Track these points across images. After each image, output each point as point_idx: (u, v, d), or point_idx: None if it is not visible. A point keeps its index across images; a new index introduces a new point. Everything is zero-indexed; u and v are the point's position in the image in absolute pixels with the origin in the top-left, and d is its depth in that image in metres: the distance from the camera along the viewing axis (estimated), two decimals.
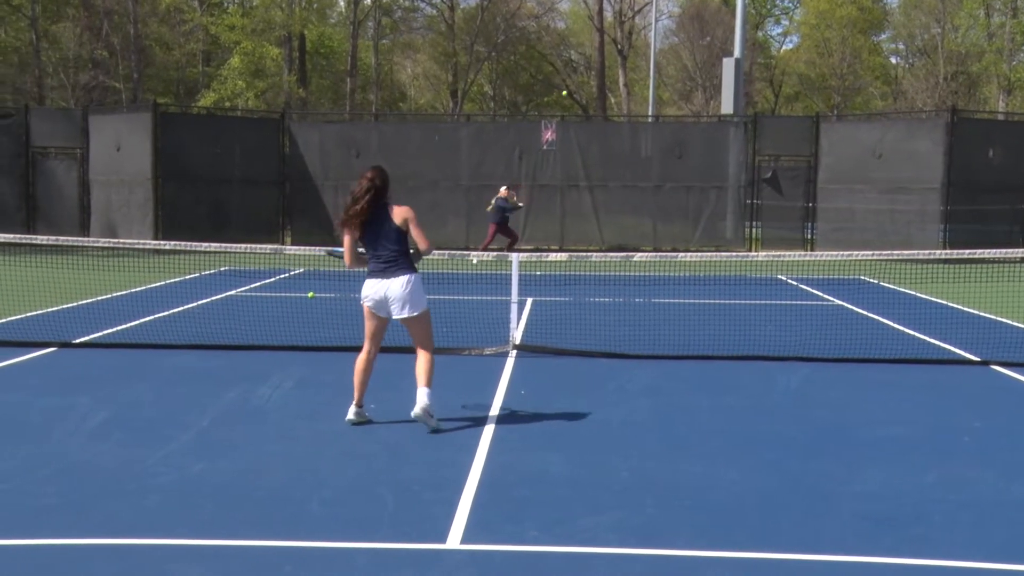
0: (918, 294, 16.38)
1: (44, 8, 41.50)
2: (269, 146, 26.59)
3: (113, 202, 25.24)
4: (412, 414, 7.15)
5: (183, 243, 12.48)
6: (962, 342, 11.39)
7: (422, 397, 7.13)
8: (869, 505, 5.78)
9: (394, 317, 7.24)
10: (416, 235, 7.17)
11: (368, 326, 7.36)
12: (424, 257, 7.40)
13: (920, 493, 6.03)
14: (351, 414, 7.42)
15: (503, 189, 23.13)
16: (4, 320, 12.20)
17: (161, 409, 8.00)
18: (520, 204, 23.43)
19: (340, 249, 7.60)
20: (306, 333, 11.21)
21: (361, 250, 7.35)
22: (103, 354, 10.44)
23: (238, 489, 5.97)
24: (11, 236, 12.49)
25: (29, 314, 12.69)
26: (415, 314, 7.16)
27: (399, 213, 7.15)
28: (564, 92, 47.00)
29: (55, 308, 13.32)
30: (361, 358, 7.41)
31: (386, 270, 7.12)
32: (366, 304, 7.29)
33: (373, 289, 7.18)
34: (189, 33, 45.95)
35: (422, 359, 7.25)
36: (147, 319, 12.68)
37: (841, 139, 25.11)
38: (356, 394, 7.42)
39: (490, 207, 22.94)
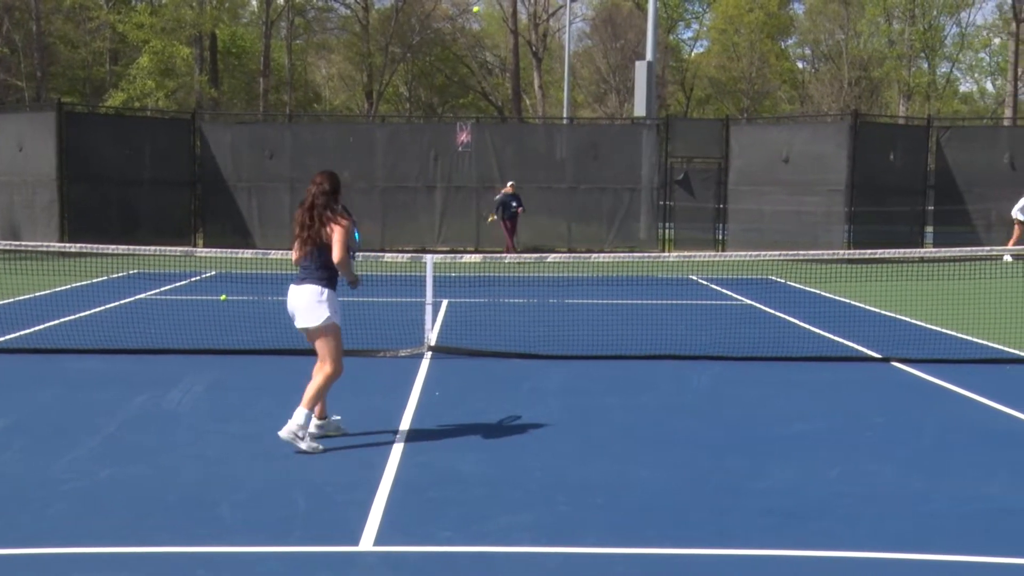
0: (824, 293, 16.82)
1: None
2: (180, 147, 26.05)
3: (15, 203, 24.45)
4: (279, 434, 6.76)
5: (90, 245, 12.19)
6: (865, 340, 11.74)
7: (295, 417, 6.74)
8: (775, 500, 5.93)
9: (296, 327, 7.02)
10: (334, 248, 6.78)
11: None
12: (353, 278, 7.01)
13: (824, 488, 6.21)
14: (312, 427, 7.05)
15: (509, 185, 23.57)
16: None
17: (67, 414, 7.81)
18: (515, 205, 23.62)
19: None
20: (219, 336, 11.04)
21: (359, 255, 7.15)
22: (5, 359, 10.13)
23: (148, 494, 5.87)
24: None
25: None
26: (308, 326, 6.84)
27: (333, 227, 6.78)
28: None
29: None
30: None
31: (299, 280, 6.91)
32: None
33: (288, 298, 7.02)
34: (95, 31, 44.76)
35: (314, 376, 6.88)
36: (53, 323, 12.35)
37: (750, 142, 25.64)
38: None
39: (491, 218, 23.38)
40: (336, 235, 6.77)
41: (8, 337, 11.25)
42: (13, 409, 7.93)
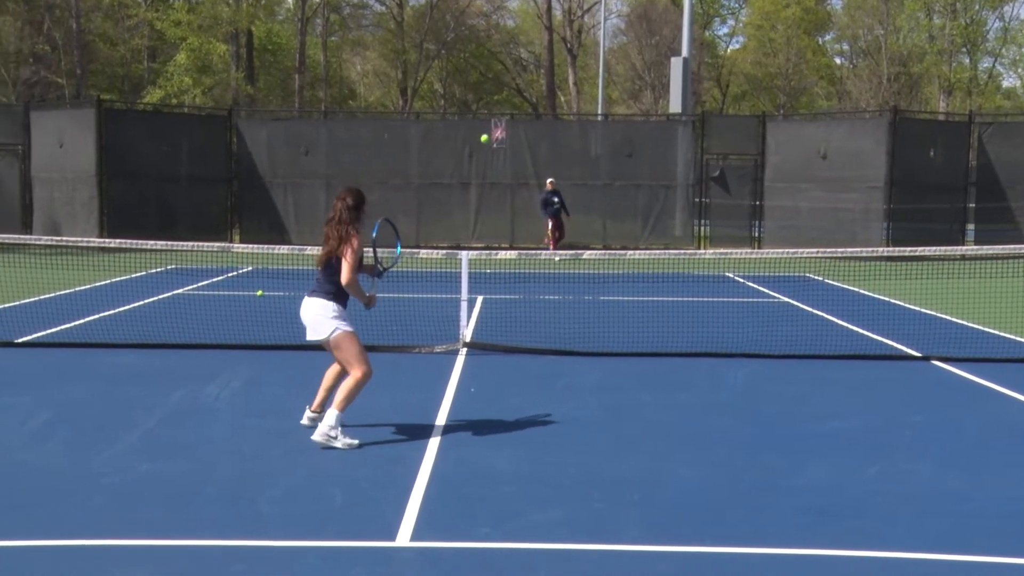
0: (862, 291, 16.66)
1: None
2: (217, 143, 26.26)
3: (56, 199, 24.79)
4: (312, 438, 6.83)
5: (129, 241, 12.32)
6: (904, 338, 11.62)
7: (326, 419, 6.81)
8: (812, 499, 5.88)
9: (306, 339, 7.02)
10: (342, 270, 6.77)
11: None
12: (365, 300, 6.95)
13: (861, 486, 6.15)
14: (304, 418, 7.28)
15: (548, 182, 23.43)
16: None
17: (106, 409, 7.90)
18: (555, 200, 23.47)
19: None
20: (255, 332, 11.12)
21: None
22: (47, 353, 10.28)
23: (186, 489, 5.93)
24: None
25: None
26: (316, 339, 6.89)
27: (345, 247, 6.76)
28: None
29: None
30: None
31: (310, 292, 6.93)
32: None
33: (301, 308, 7.00)
34: (134, 28, 45.17)
35: (345, 380, 6.91)
36: (92, 318, 12.50)
37: (787, 138, 25.43)
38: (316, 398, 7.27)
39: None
40: (346, 256, 6.75)
41: (49, 332, 11.40)
42: (54, 403, 8.04)
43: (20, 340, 10.77)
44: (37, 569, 4.74)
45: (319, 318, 6.83)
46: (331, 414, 6.80)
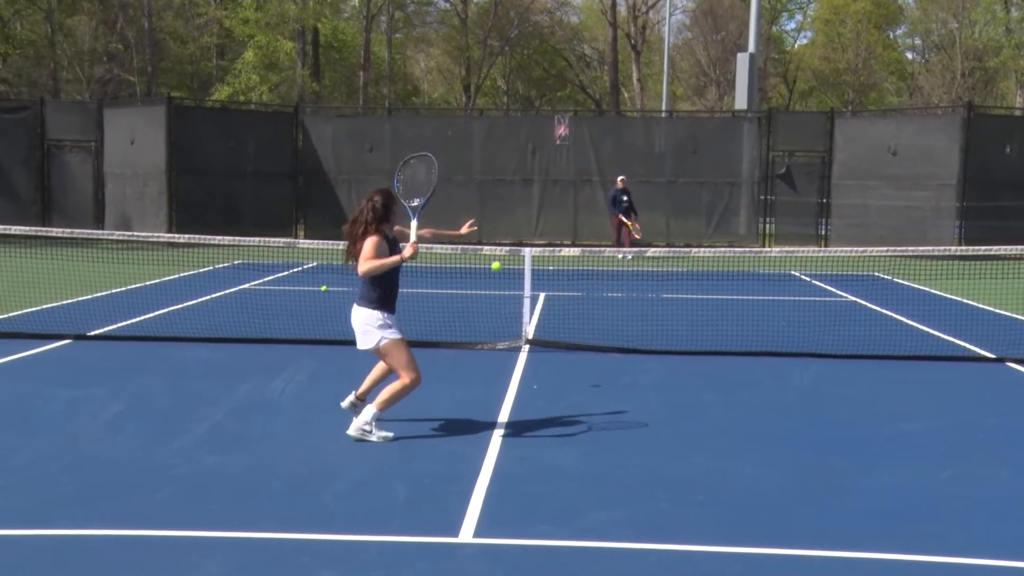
0: (933, 290, 16.30)
1: (60, 1, 41.58)
2: (282, 140, 26.60)
3: (127, 195, 25.30)
4: (348, 432, 6.84)
5: (197, 236, 12.51)
6: (977, 339, 11.34)
7: (363, 415, 6.82)
8: (882, 502, 5.76)
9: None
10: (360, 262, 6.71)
11: None
12: (395, 261, 6.74)
13: (935, 490, 6.01)
14: (346, 401, 7.23)
15: (619, 179, 23.37)
16: (19, 312, 12.25)
17: (175, 401, 8.03)
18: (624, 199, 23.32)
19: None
20: (319, 327, 11.21)
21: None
22: (118, 346, 10.48)
23: (252, 481, 5.99)
24: (27, 228, 12.52)
25: (44, 306, 12.74)
26: (365, 348, 6.86)
27: (362, 243, 6.73)
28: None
29: (70, 300, 13.37)
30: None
31: (357, 299, 6.90)
32: None
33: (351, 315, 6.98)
34: (203, 27, 45.96)
35: (393, 382, 6.90)
36: (161, 312, 12.73)
37: (856, 135, 24.98)
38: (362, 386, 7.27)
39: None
40: (365, 248, 6.68)
41: (120, 325, 11.62)
42: (124, 395, 8.18)
43: (93, 333, 10.99)
44: (108, 559, 4.81)
45: (365, 327, 6.81)
46: (369, 411, 6.81)
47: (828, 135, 24.99)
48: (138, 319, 12.09)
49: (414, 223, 6.98)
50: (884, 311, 13.79)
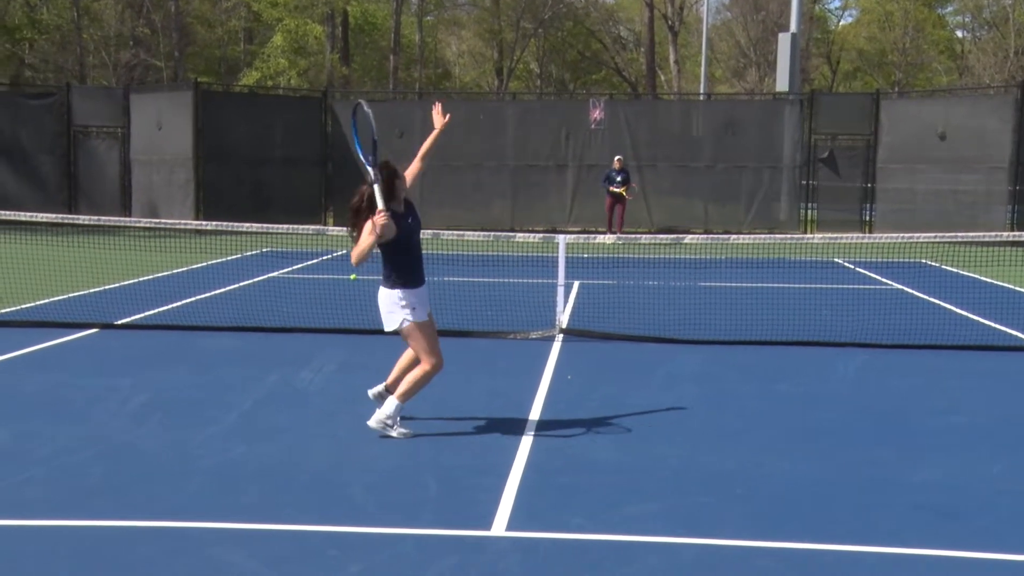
0: (983, 278, 15.92)
1: None
2: (311, 125, 26.40)
3: (154, 182, 25.26)
4: (368, 423, 6.65)
5: (225, 223, 12.43)
6: None
7: (385, 407, 6.63)
8: (929, 496, 5.57)
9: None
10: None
11: None
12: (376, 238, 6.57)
13: (985, 484, 5.80)
14: (372, 390, 7.09)
15: (616, 160, 23.19)
16: (46, 301, 12.24)
17: (203, 391, 7.96)
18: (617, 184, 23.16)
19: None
20: (348, 316, 11.10)
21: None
22: (145, 335, 10.44)
23: (281, 473, 5.89)
24: (53, 216, 12.47)
25: (71, 295, 12.73)
26: (391, 329, 6.68)
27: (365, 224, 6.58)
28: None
29: (97, 289, 13.36)
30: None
31: (381, 280, 6.76)
32: None
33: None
34: (231, 10, 45.92)
35: (413, 370, 6.69)
36: (189, 300, 12.68)
37: (902, 117, 24.45)
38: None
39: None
40: (360, 240, 6.59)
41: (147, 314, 11.57)
42: (151, 385, 8.12)
43: (119, 322, 10.96)
44: (137, 550, 4.74)
45: (388, 307, 6.65)
46: (391, 403, 6.63)
47: (873, 117, 24.48)
48: (165, 308, 12.05)
49: (377, 188, 6.67)
50: (932, 299, 13.48)
